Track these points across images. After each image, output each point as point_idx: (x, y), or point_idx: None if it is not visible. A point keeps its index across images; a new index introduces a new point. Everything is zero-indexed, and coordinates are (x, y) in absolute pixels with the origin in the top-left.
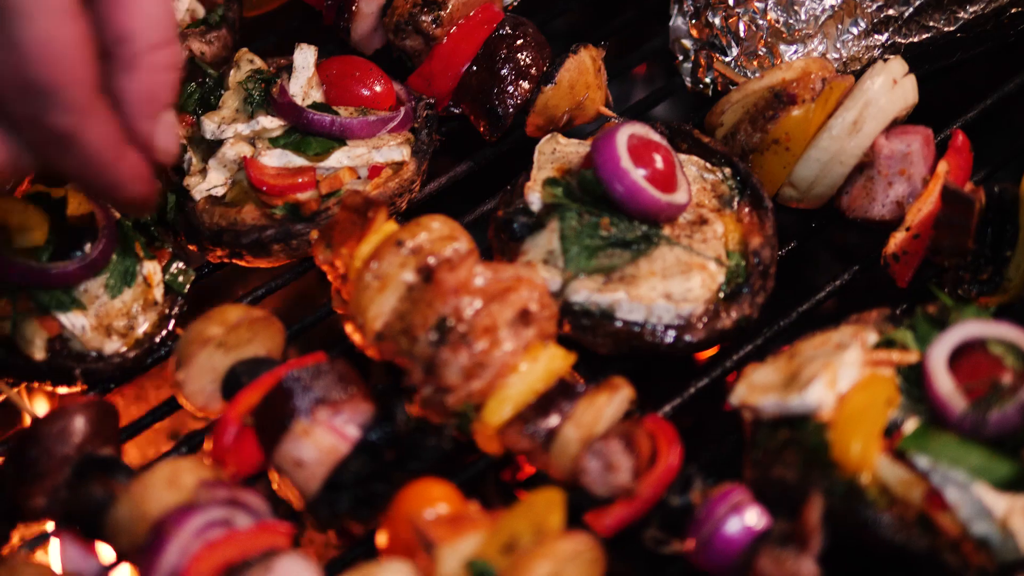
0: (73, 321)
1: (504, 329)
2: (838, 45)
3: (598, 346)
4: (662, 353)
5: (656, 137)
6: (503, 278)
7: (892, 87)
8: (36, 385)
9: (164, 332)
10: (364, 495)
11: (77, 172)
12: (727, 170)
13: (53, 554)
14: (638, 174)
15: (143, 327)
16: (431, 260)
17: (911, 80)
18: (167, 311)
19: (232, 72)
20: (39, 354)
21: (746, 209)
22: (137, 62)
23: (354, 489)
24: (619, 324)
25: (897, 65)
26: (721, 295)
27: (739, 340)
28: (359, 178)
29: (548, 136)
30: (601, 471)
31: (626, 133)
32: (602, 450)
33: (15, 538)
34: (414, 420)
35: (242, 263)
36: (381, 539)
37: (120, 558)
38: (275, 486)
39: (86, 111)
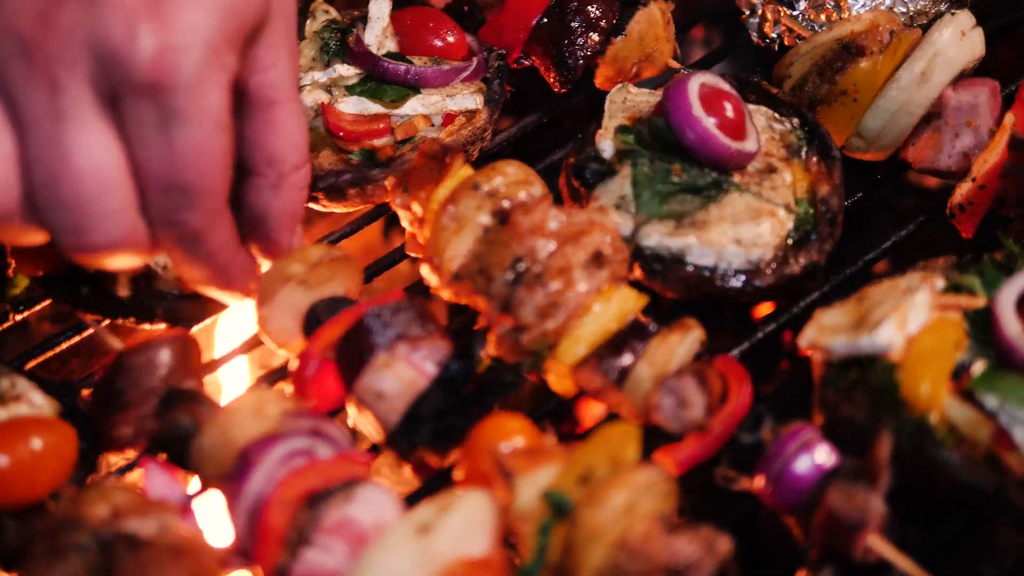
0: (157, 259)
1: (578, 270)
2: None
3: (668, 290)
4: (731, 298)
5: (726, 87)
6: (576, 221)
7: (960, 39)
8: (120, 322)
9: None
10: (442, 428)
11: (194, 271)
12: (795, 120)
13: (139, 482)
14: (709, 122)
15: None
16: (506, 203)
17: (978, 32)
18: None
19: (308, 22)
20: (123, 291)
21: (814, 159)
22: (283, 182)
23: (433, 422)
24: (689, 268)
25: (965, 18)
26: (789, 242)
27: (805, 286)
28: (433, 126)
29: (619, 86)
30: (674, 407)
31: (697, 82)
32: (675, 387)
33: (102, 467)
34: (490, 358)
35: (317, 207)
36: (458, 472)
37: (205, 486)
38: (352, 422)
39: (218, 215)
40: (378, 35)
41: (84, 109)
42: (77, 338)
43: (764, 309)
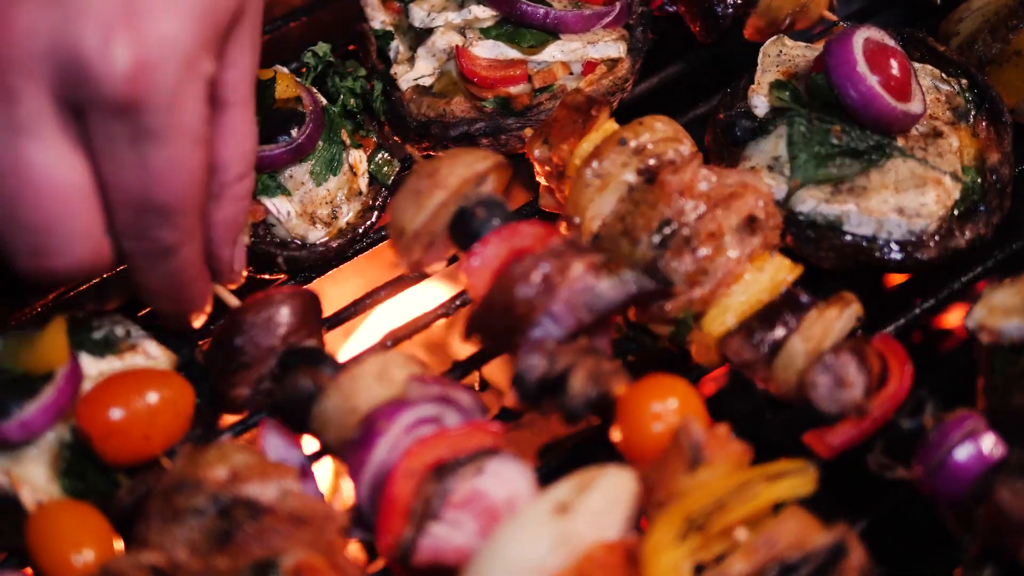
0: (278, 206)
1: (729, 235)
2: None
3: (821, 260)
4: (889, 270)
5: (891, 42)
6: (728, 183)
7: None
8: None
9: (367, 223)
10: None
11: (157, 284)
12: (963, 81)
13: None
14: (873, 80)
15: (347, 216)
16: (653, 161)
17: None
18: (371, 202)
19: None
20: (244, 239)
21: (983, 123)
22: (224, 192)
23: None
24: (847, 238)
25: None
26: (955, 213)
27: (969, 261)
28: (572, 74)
29: (773, 38)
30: (831, 386)
31: (862, 36)
32: (833, 364)
33: (220, 426)
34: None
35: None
36: (615, 432)
37: (325, 450)
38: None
39: (191, 232)
40: None
41: (44, 121)
42: None
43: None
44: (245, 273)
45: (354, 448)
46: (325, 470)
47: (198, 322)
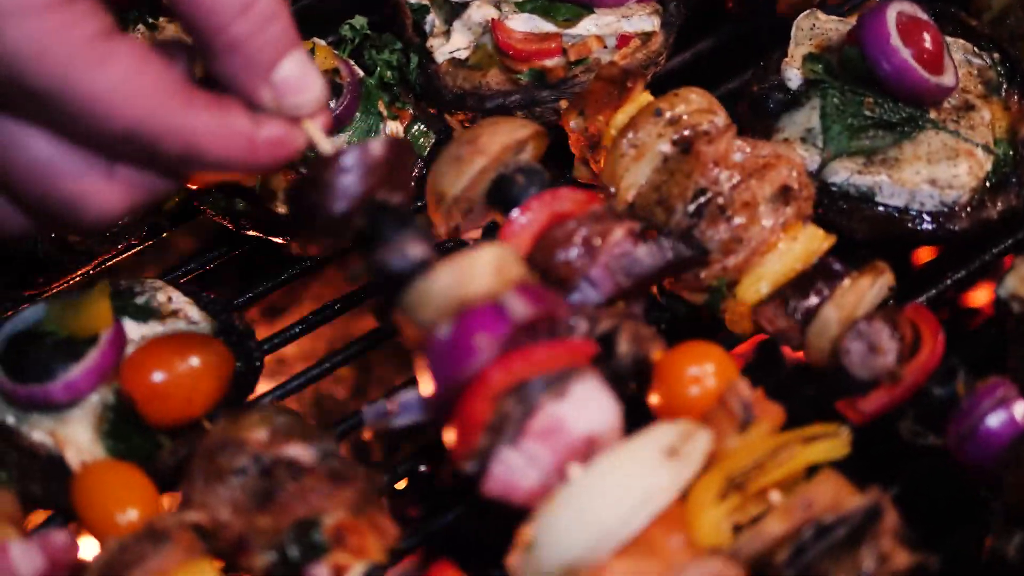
0: None
1: (763, 205)
2: None
3: (854, 231)
4: (921, 241)
5: (924, 16)
6: (762, 154)
7: None
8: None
9: None
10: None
11: (220, 169)
12: (995, 56)
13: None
14: (906, 53)
15: None
16: (688, 132)
17: None
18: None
19: None
20: (282, 207)
21: (1015, 97)
22: (236, 40)
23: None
24: (879, 208)
25: None
26: (987, 184)
27: (1000, 234)
28: (606, 47)
29: (807, 12)
30: (865, 353)
31: (895, 10)
32: (866, 331)
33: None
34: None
35: None
36: (654, 397)
37: (403, 331)
38: None
39: (187, 129)
40: None
41: None
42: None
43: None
44: None
45: (444, 343)
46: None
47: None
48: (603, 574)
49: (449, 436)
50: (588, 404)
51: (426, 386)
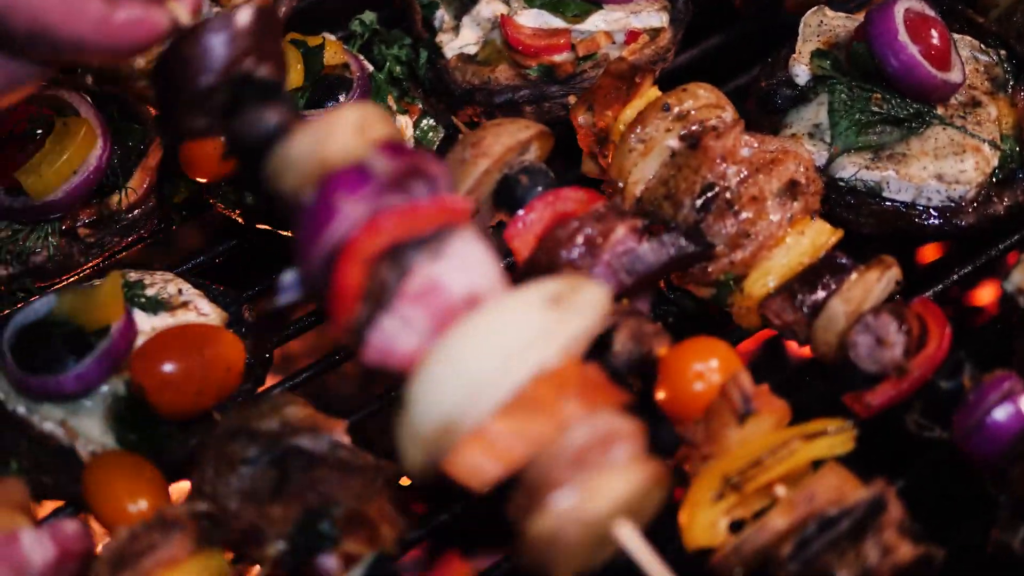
0: None
1: (771, 200)
2: None
3: (861, 225)
4: (928, 236)
5: (931, 13)
6: (770, 149)
7: None
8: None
9: None
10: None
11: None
12: (1002, 52)
13: None
14: (914, 49)
15: None
16: (696, 127)
17: None
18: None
19: None
20: None
21: (1021, 93)
22: None
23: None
24: (887, 203)
25: None
26: (993, 180)
27: (1007, 228)
28: (614, 43)
29: (815, 8)
30: (872, 346)
31: (903, 6)
32: (874, 324)
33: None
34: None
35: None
36: (659, 391)
37: (272, 202)
38: None
39: (34, 3)
40: None
41: None
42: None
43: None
44: None
45: (308, 212)
46: None
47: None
48: (485, 434)
49: (328, 309)
50: (467, 262)
51: (299, 260)
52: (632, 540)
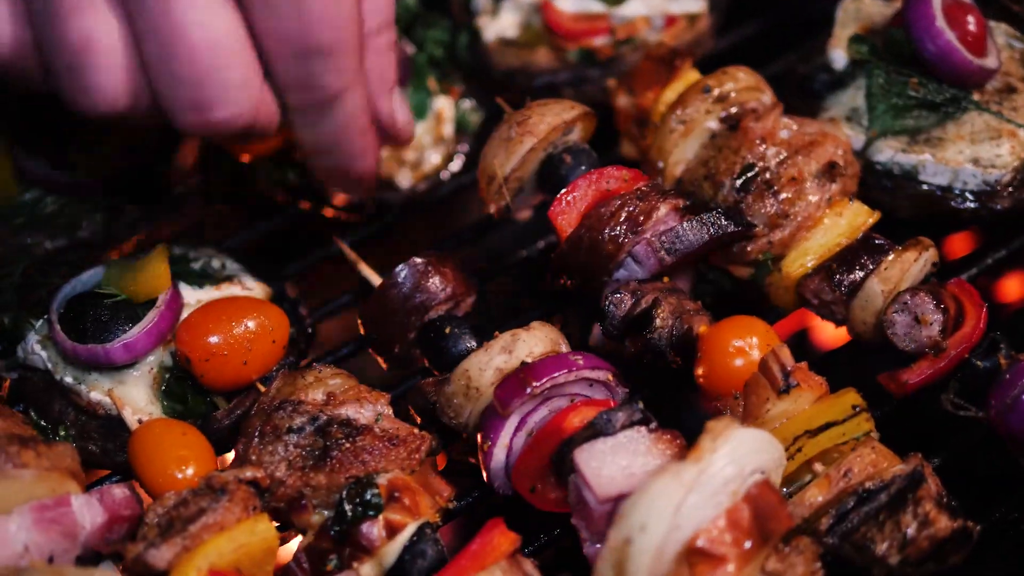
0: None
1: (809, 181)
2: None
3: (897, 208)
4: (963, 219)
5: (968, 0)
6: (808, 132)
7: None
8: (329, 209)
9: (451, 169)
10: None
11: (326, 138)
12: None
13: None
14: (951, 35)
15: (432, 162)
16: (736, 109)
17: None
18: (455, 148)
19: None
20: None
21: None
22: (368, 43)
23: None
24: (923, 187)
25: None
26: None
27: None
28: (653, 28)
29: None
30: (909, 324)
31: None
32: (911, 304)
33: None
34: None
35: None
36: (699, 369)
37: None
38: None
39: (356, 74)
40: None
41: None
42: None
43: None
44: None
45: (508, 391)
46: None
47: (364, 189)
48: None
49: None
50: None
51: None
52: None
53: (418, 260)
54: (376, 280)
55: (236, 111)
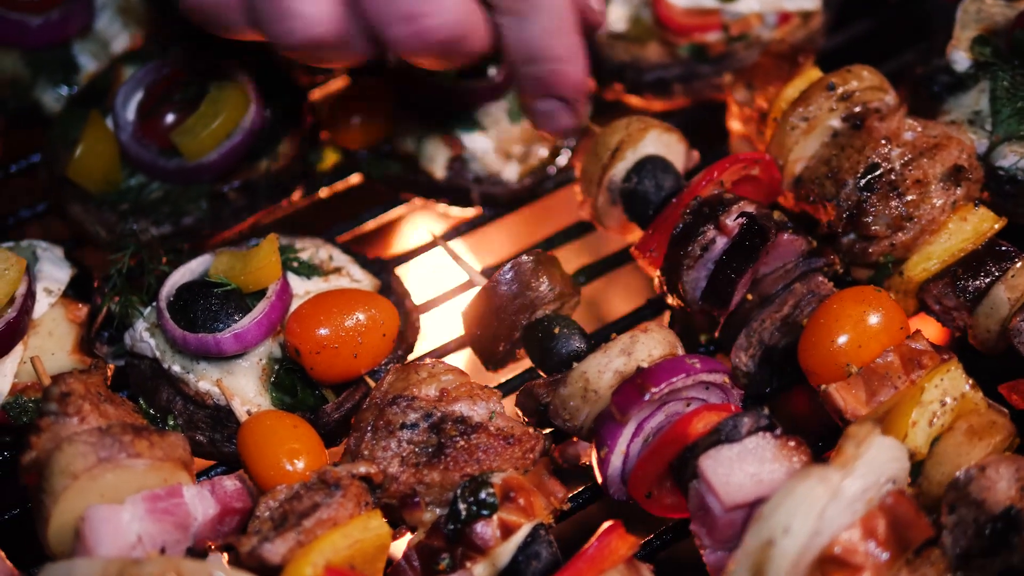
0: (475, 142)
1: (934, 184)
2: None
3: (1019, 216)
4: None
5: None
6: (932, 134)
7: None
8: (433, 202)
9: (557, 163)
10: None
11: (537, 41)
12: None
13: None
14: None
15: (539, 155)
16: (859, 108)
17: None
18: (563, 143)
19: None
20: (440, 172)
21: None
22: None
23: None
24: None
25: None
26: None
27: None
28: (765, 24)
29: None
30: None
31: None
32: None
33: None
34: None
35: (635, 100)
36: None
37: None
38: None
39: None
40: None
41: None
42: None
43: None
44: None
45: (624, 396)
46: None
47: (577, 113)
48: None
49: None
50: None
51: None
52: None
53: (525, 259)
54: (477, 276)
55: (447, 18)
